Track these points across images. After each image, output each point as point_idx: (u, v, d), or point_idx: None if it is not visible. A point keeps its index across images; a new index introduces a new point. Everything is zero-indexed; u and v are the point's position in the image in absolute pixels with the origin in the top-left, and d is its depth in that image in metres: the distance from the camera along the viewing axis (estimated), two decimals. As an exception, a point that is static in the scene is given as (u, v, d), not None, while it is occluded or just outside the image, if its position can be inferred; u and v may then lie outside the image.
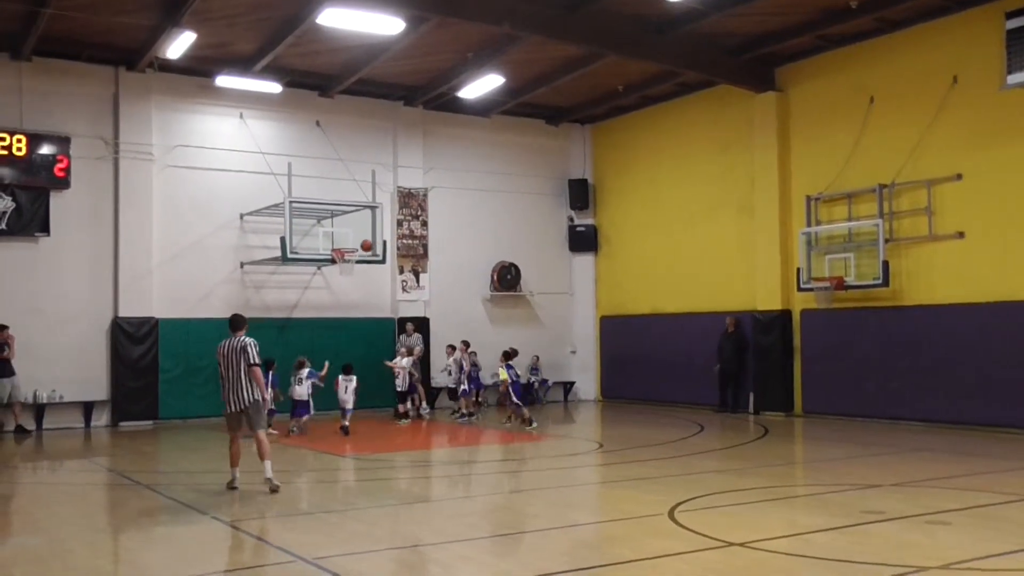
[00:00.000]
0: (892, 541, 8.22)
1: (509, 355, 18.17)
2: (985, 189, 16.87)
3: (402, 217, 22.78)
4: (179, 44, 17.36)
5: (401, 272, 22.67)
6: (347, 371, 16.96)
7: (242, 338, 11.25)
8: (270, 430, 14.97)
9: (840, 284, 18.56)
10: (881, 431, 16.62)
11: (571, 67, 20.52)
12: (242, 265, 20.71)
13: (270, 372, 15.76)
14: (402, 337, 21.03)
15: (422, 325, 22.38)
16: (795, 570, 7.43)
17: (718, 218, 21.95)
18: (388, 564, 7.87)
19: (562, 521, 9.51)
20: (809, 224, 19.61)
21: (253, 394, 11.18)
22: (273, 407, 15.50)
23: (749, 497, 10.46)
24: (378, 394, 20.55)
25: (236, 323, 11.56)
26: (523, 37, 18.29)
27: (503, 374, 17.82)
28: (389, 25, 16.65)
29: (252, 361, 11.12)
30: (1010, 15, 14.93)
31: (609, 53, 19.25)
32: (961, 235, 17.21)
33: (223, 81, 19.79)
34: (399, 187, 22.71)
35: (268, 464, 11.00)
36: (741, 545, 7.99)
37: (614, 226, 25.10)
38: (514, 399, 17.61)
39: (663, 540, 8.34)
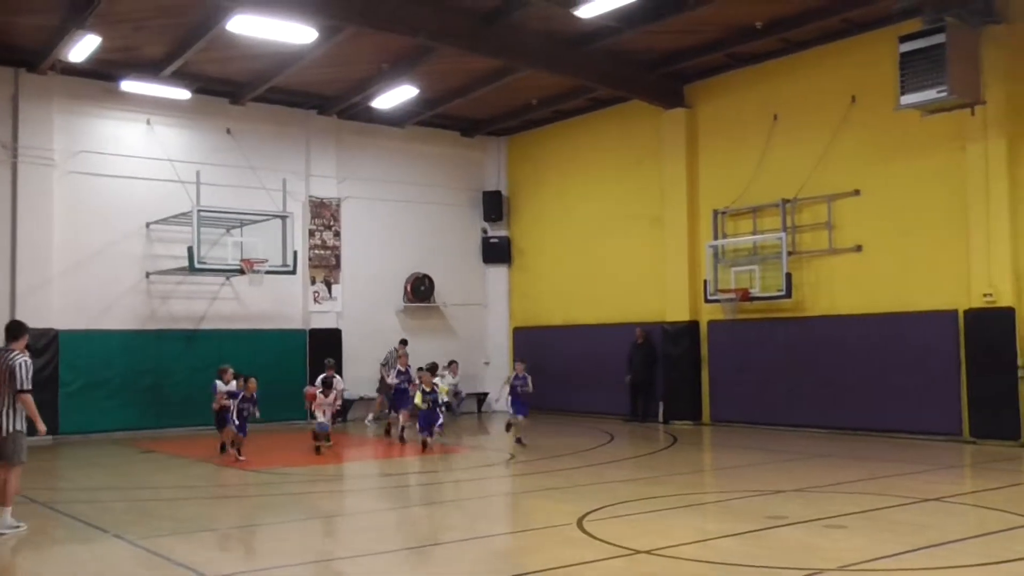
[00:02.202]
0: (793, 545, 8.47)
1: (433, 370, 17.52)
2: (881, 204, 17.56)
3: (314, 227, 22.54)
4: (83, 47, 16.87)
5: (313, 283, 22.42)
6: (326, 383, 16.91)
7: (14, 355, 9.52)
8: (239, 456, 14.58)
9: (745, 296, 19.06)
10: (785, 438, 17.09)
11: (486, 80, 20.64)
12: (148, 275, 20.20)
13: (240, 394, 15.07)
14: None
15: (334, 337, 22.17)
16: (701, 575, 7.60)
17: (630, 231, 22.31)
18: (297, 578, 7.76)
19: (473, 532, 9.53)
20: (716, 237, 20.11)
21: (14, 423, 9.49)
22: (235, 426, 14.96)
23: (657, 505, 10.65)
24: (289, 406, 20.28)
25: (12, 331, 9.86)
26: (438, 49, 18.34)
27: (423, 398, 16.29)
28: (301, 34, 16.48)
29: (21, 387, 9.41)
30: (903, 39, 15.56)
31: (523, 67, 19.43)
32: (859, 248, 17.87)
33: (129, 86, 19.30)
34: (311, 197, 22.47)
35: (7, 512, 9.46)
36: (648, 553, 8.13)
37: (528, 238, 25.29)
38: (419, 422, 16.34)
39: (572, 549, 8.42)
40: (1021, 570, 7.53)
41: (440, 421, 16.35)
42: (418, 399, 16.08)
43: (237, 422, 14.85)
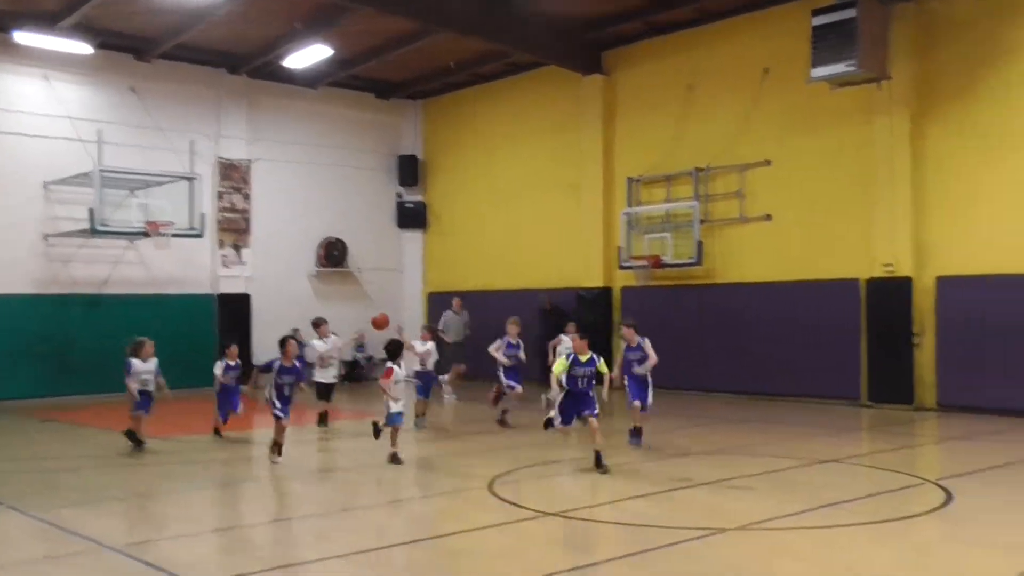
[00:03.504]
0: (699, 505, 8.66)
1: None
2: (791, 175, 17.94)
3: (223, 189, 21.97)
4: (-26, -4, 16.03)
5: (221, 247, 21.90)
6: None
7: None
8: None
9: (658, 263, 19.31)
10: (695, 402, 17.44)
11: (403, 41, 20.32)
12: (46, 237, 19.43)
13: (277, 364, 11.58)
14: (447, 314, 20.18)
15: (243, 302, 21.75)
16: (609, 536, 7.72)
17: (547, 197, 22.35)
18: (205, 548, 7.63)
19: (386, 497, 9.51)
20: (630, 205, 20.30)
21: None
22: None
23: (568, 468, 10.76)
24: (196, 373, 19.85)
25: None
26: (354, 8, 17.96)
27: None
28: (210, -12, 15.95)
29: None
30: (816, 12, 15.83)
31: (441, 28, 19.18)
32: (769, 217, 18.25)
33: (24, 38, 18.40)
34: (220, 158, 21.88)
35: None
36: (558, 515, 8.22)
37: (444, 203, 25.13)
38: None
39: (483, 513, 8.46)
40: (911, 527, 7.85)
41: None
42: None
43: (279, 403, 11.31)
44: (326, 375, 14.96)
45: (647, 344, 12.54)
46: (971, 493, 9.13)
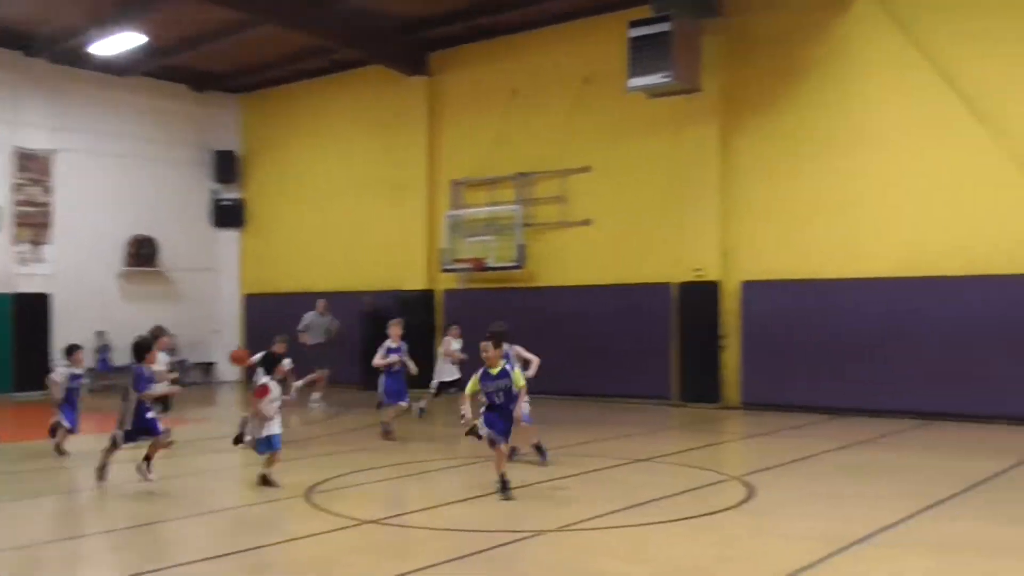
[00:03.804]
0: (517, 508, 8.71)
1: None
2: (610, 181, 18.46)
3: (21, 181, 20.47)
4: None
5: (18, 243, 20.38)
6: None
7: None
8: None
9: (480, 266, 19.43)
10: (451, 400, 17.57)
11: (222, 32, 19.55)
12: None
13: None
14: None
15: (42, 302, 20.34)
16: (427, 542, 7.63)
17: (370, 197, 22.05)
18: (-15, 568, 7.00)
19: (199, 508, 9.05)
20: (454, 207, 20.33)
21: None
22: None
23: (387, 474, 10.61)
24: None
25: None
26: (165, -6, 17.13)
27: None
28: (5, -37, 14.80)
29: None
30: (633, 24, 16.37)
31: (262, 20, 18.60)
32: (588, 222, 18.71)
33: None
34: (17, 147, 20.35)
35: None
36: (376, 522, 8.07)
37: (264, 201, 24.36)
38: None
39: (300, 522, 8.20)
40: (718, 521, 8.17)
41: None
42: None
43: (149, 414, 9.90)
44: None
45: (517, 351, 11.73)
46: (772, 487, 9.62)
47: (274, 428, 9.53)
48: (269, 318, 23.24)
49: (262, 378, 9.80)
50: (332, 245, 22.70)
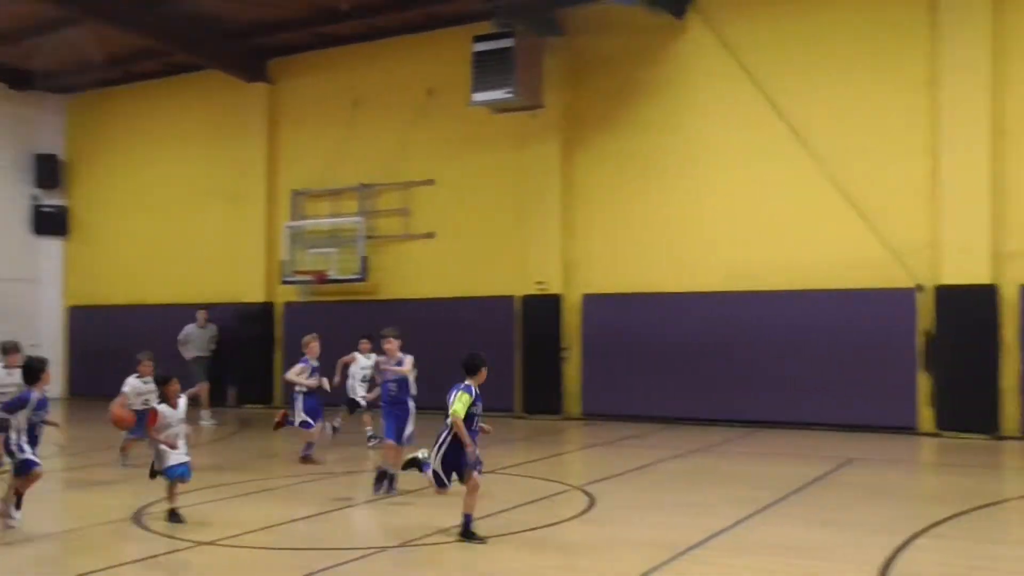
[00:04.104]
0: (360, 524, 8.57)
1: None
2: (453, 194, 18.53)
3: None
4: None
5: None
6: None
7: None
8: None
9: (322, 278, 19.10)
10: (355, 419, 17.30)
11: (43, 27, 18.45)
12: None
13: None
14: None
15: None
16: (267, 562, 7.39)
17: (207, 207, 21.30)
18: None
19: (19, 534, 8.43)
20: (294, 218, 19.91)
21: None
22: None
23: (224, 493, 10.23)
24: None
25: None
26: (-19, -15, 16.04)
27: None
28: None
29: None
30: (477, 39, 16.53)
31: (86, 18, 17.66)
32: (432, 235, 18.71)
33: None
34: None
35: None
36: (212, 544, 7.76)
37: (91, 209, 23.12)
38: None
39: (129, 545, 7.79)
40: (560, 532, 8.30)
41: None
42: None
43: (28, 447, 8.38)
44: None
45: (409, 362, 10.78)
46: (612, 495, 9.86)
47: (179, 456, 8.50)
48: (96, 331, 22.13)
49: (152, 403, 8.94)
50: (166, 255, 21.76)
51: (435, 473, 7.76)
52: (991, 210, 14.29)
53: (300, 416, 12.15)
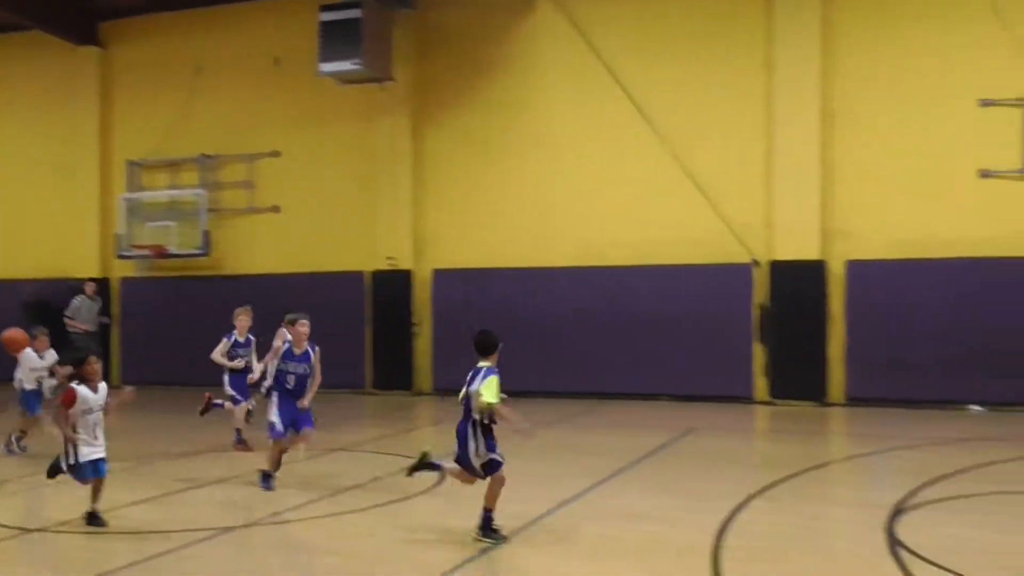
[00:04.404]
0: (205, 505, 8.30)
1: None
2: (301, 167, 18.09)
3: None
4: None
5: None
6: None
7: None
8: None
9: (161, 252, 18.32)
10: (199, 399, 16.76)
11: None
12: None
13: None
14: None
15: None
16: (106, 548, 7.04)
17: (34, 177, 20.04)
18: None
19: None
20: (131, 190, 18.99)
21: None
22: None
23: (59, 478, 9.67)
24: None
25: None
26: None
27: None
28: None
29: None
30: (324, 8, 16.12)
31: None
32: (278, 209, 18.22)
33: None
34: None
35: None
36: (44, 530, 7.34)
37: (-102, 177, 21.30)
38: None
39: (-55, 538, 7.26)
40: (410, 506, 8.28)
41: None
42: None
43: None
44: None
45: (317, 355, 9.60)
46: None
47: (95, 450, 7.35)
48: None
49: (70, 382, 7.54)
50: (-12, 228, 20.35)
51: (471, 468, 7.11)
52: (820, 189, 15.08)
53: (228, 391, 11.49)
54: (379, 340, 17.46)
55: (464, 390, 7.27)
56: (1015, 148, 14.22)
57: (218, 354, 11.68)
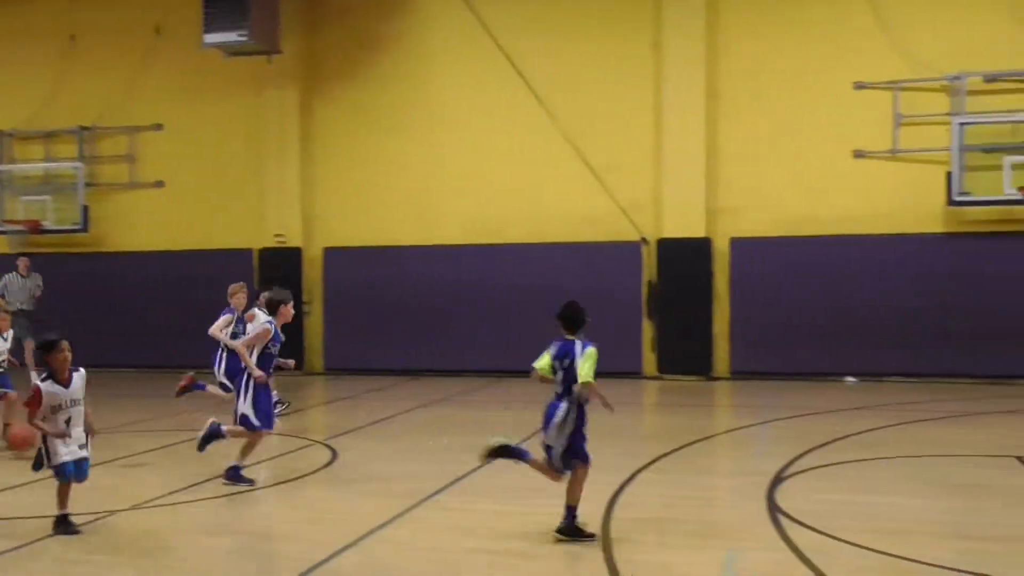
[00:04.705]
0: (87, 487, 8.03)
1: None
2: (185, 141, 17.55)
3: None
4: None
5: None
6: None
7: None
8: None
9: (36, 228, 17.55)
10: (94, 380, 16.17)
11: None
12: None
13: None
14: None
15: None
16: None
17: None
18: None
19: None
20: (2, 162, 18.12)
21: None
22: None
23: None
24: None
25: None
26: None
27: None
28: None
29: None
30: (209, -21, 15.64)
31: None
32: (161, 184, 17.65)
33: None
34: None
35: None
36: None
37: None
38: None
39: None
40: (304, 486, 8.22)
41: None
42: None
43: None
44: None
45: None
46: (355, 448, 9.87)
47: (73, 449, 6.59)
48: None
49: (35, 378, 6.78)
50: None
51: (561, 457, 6.51)
52: (706, 169, 15.47)
53: (220, 377, 10.54)
54: (268, 319, 17.13)
55: (549, 363, 6.81)
56: (887, 129, 14.89)
57: (218, 329, 10.63)
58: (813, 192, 15.13)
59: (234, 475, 8.04)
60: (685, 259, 15.53)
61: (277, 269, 17.03)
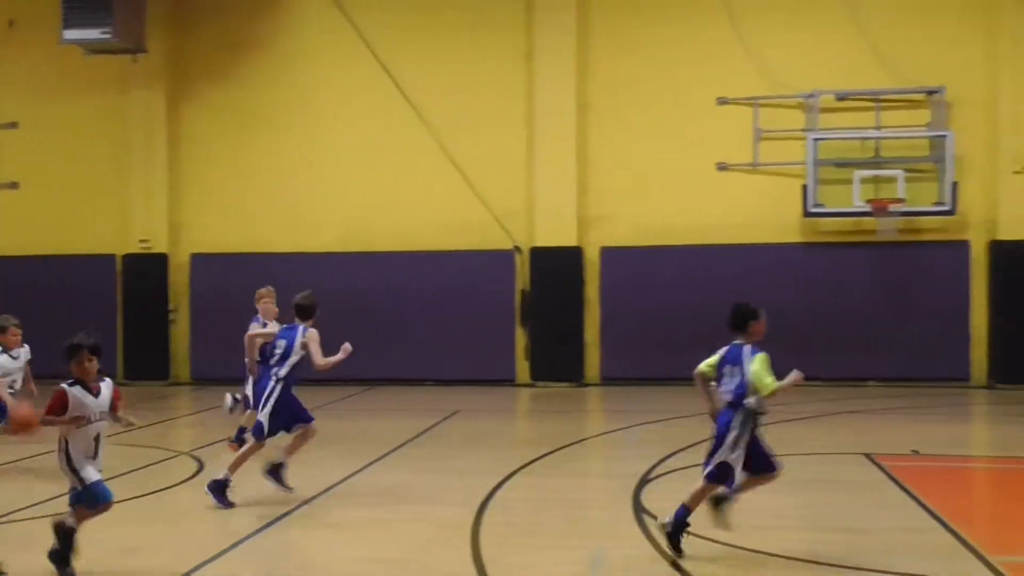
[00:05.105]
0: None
1: None
2: (43, 140, 16.83)
3: None
4: None
5: None
6: None
7: None
8: None
9: None
10: None
11: None
12: None
13: None
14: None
15: None
16: None
17: None
18: None
19: None
20: None
21: None
22: None
23: None
24: None
25: None
26: None
27: None
28: None
29: None
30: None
31: None
32: (15, 185, 16.86)
33: None
34: None
35: None
36: None
37: None
38: None
39: None
40: (167, 498, 7.99)
41: None
42: None
43: None
44: None
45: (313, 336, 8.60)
46: (221, 461, 9.58)
47: (93, 472, 5.85)
48: None
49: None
50: None
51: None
52: (577, 179, 15.79)
53: (245, 391, 9.89)
54: (132, 328, 16.55)
55: (715, 365, 6.50)
56: (748, 143, 15.54)
57: (251, 335, 9.72)
58: (679, 203, 15.63)
59: (217, 490, 7.56)
60: (557, 268, 15.79)
61: (141, 276, 16.51)
